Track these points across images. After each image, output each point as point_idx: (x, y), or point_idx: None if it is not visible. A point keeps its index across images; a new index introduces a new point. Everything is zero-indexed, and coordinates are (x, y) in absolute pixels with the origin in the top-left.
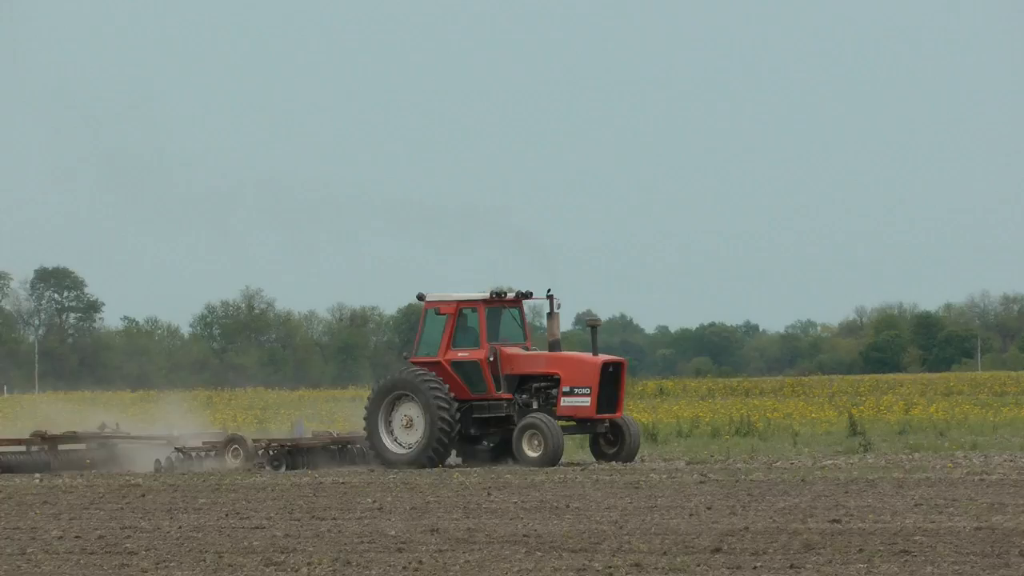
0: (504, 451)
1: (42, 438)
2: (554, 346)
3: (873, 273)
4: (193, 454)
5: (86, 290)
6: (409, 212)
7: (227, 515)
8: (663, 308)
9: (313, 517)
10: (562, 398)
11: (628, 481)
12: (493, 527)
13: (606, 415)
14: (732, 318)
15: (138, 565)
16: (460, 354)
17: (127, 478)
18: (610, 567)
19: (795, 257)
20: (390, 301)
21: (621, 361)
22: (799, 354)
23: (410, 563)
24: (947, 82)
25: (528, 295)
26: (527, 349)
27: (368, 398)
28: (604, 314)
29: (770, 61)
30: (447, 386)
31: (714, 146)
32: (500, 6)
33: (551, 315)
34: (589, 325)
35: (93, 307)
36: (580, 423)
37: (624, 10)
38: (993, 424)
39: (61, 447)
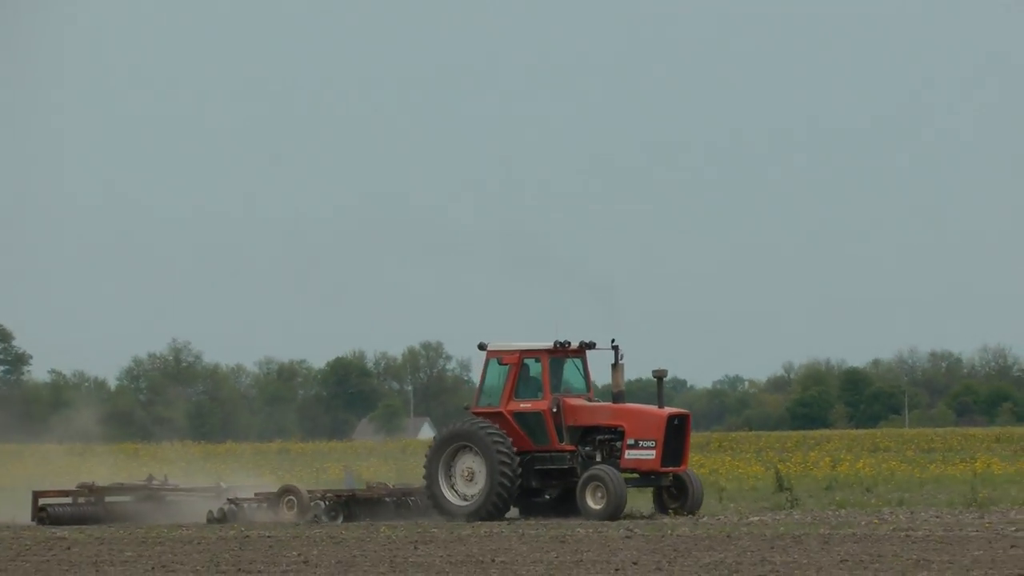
0: (564, 504)
1: (89, 490)
2: (618, 397)
3: (801, 328)
4: (246, 505)
5: (13, 343)
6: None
7: (153, 568)
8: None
9: (239, 571)
10: (627, 451)
11: (554, 535)
12: None
13: (671, 468)
14: None
15: None
16: (523, 405)
17: (58, 532)
18: None
19: (723, 312)
20: (319, 354)
21: (686, 414)
22: (727, 409)
23: None
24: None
25: (592, 345)
26: (590, 400)
27: (428, 448)
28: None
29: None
30: (509, 438)
31: (644, 205)
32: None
33: (615, 366)
34: (656, 376)
35: (20, 360)
36: (644, 476)
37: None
38: (920, 480)
39: (108, 499)
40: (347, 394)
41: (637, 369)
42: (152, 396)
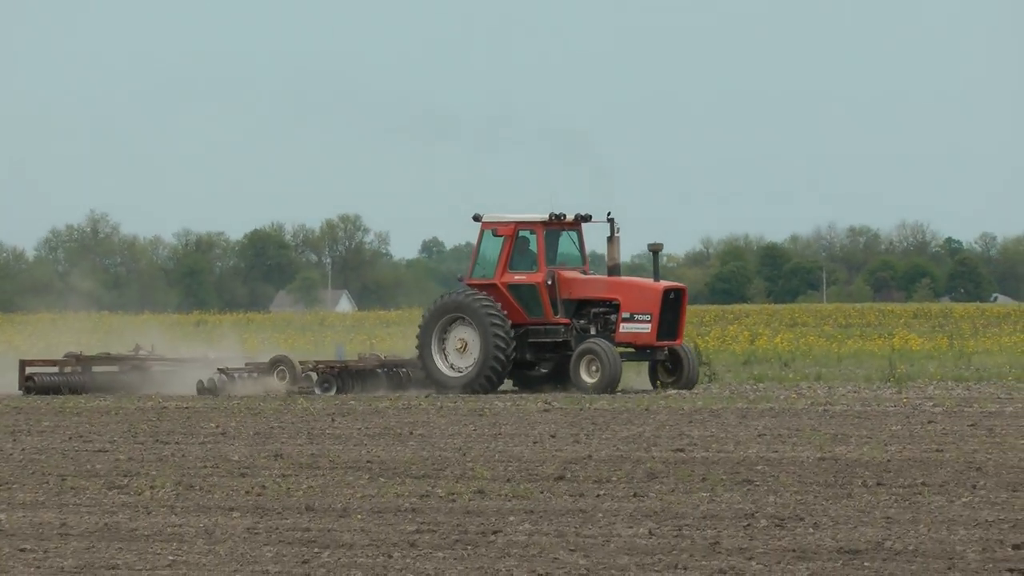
0: (558, 377)
1: (76, 359)
2: (614, 271)
3: (720, 204)
4: (236, 375)
5: None
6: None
7: (71, 438)
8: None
9: (157, 441)
10: (621, 324)
11: (472, 408)
12: (337, 453)
13: (666, 342)
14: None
15: None
16: (517, 277)
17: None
18: (453, 494)
19: (642, 187)
20: (237, 226)
21: (682, 288)
22: None
23: (253, 488)
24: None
25: (588, 218)
26: (585, 273)
27: (421, 320)
28: (449, 242)
29: None
30: (504, 310)
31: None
32: None
33: (611, 239)
34: (651, 250)
35: None
36: (639, 350)
37: None
38: (837, 355)
39: (95, 368)
40: (265, 266)
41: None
42: (70, 267)
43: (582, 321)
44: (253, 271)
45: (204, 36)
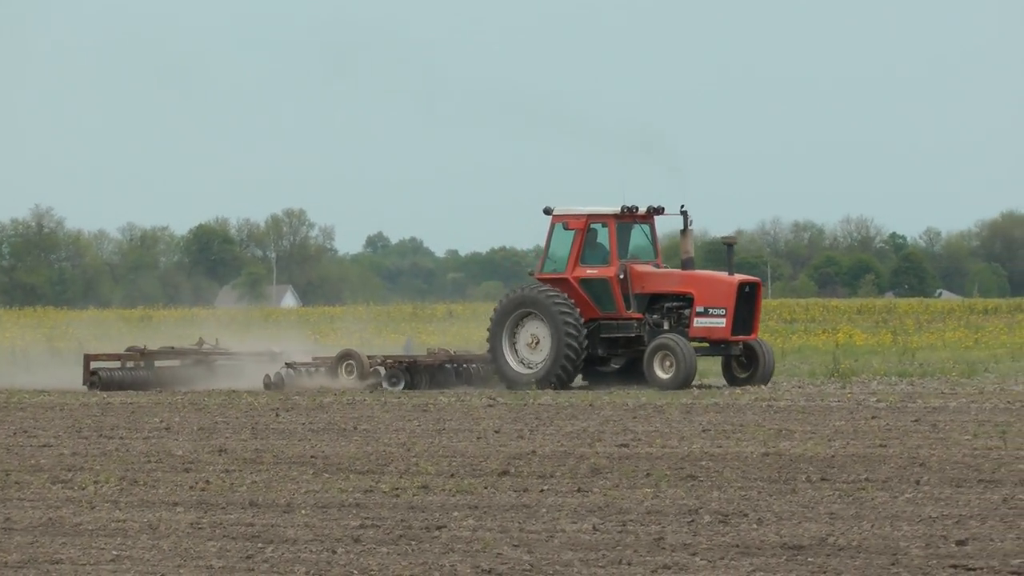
0: (631, 373)
1: (140, 354)
2: (687, 264)
3: (664, 198)
4: (303, 370)
5: None
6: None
7: (15, 433)
8: (453, 232)
9: (101, 436)
10: (695, 318)
11: (416, 404)
12: (281, 448)
13: (741, 337)
14: (522, 242)
15: None
16: (588, 271)
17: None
18: (397, 489)
19: (588, 180)
20: (182, 221)
21: (757, 281)
22: None
23: (197, 483)
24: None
25: (660, 210)
26: (658, 267)
27: (492, 315)
28: (394, 237)
29: None
30: (573, 303)
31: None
32: None
33: (684, 232)
34: (725, 243)
35: None
36: (713, 345)
37: None
38: (782, 351)
39: (158, 363)
40: (209, 261)
41: (507, 238)
42: (15, 262)
43: (655, 316)
44: (198, 266)
45: (148, 26)
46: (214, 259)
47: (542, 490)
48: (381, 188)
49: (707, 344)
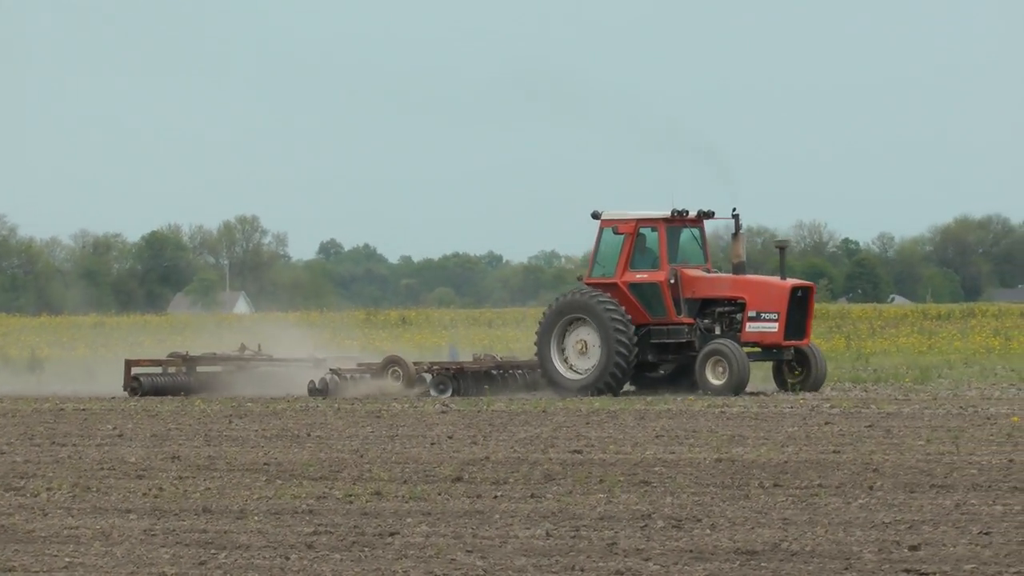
0: (680, 379)
1: (182, 359)
2: (739, 268)
3: (615, 204)
4: (349, 376)
5: None
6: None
7: None
8: (407, 238)
9: (53, 443)
10: (747, 323)
11: (370, 410)
12: (234, 455)
13: (793, 342)
14: (475, 248)
15: None
16: (638, 276)
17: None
18: (351, 495)
19: (538, 187)
20: (135, 228)
21: (810, 286)
22: (542, 285)
23: (150, 490)
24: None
25: (711, 214)
26: (708, 271)
27: (539, 321)
28: (348, 243)
29: None
30: (624, 308)
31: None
32: None
33: (736, 236)
34: (778, 247)
35: None
36: (765, 350)
37: None
38: None
39: (199, 369)
40: (162, 268)
41: (460, 244)
42: None
43: (706, 321)
44: (150, 273)
45: (99, 26)
46: (167, 266)
47: (495, 496)
48: (334, 195)
49: (759, 349)
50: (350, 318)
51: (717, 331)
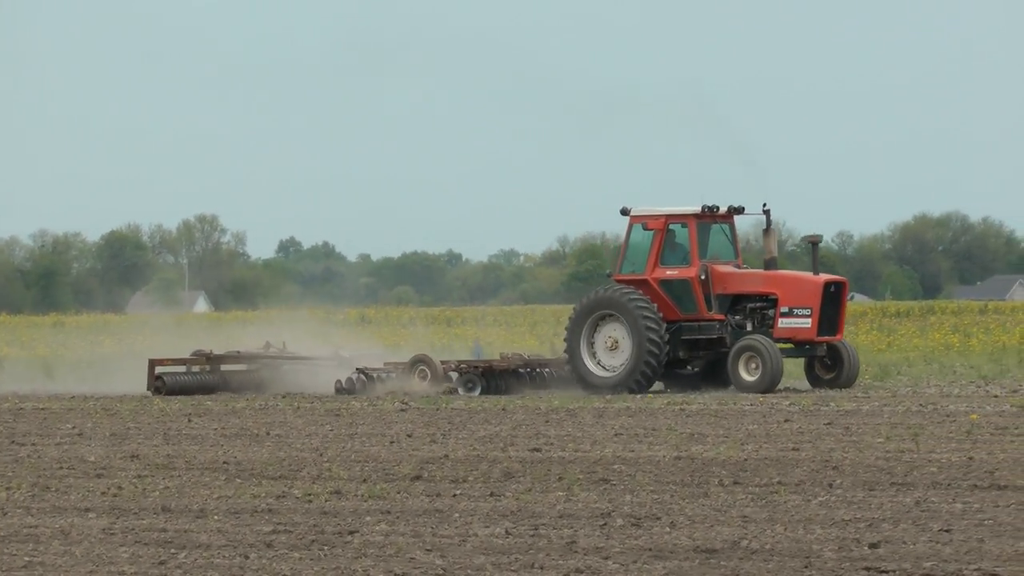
0: (711, 375)
1: (206, 358)
2: (770, 264)
3: (576, 202)
4: (376, 375)
5: None
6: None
7: None
8: (365, 236)
9: (12, 442)
10: (780, 319)
11: (329, 409)
12: (193, 454)
13: (826, 338)
14: (435, 247)
15: None
16: (669, 272)
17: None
18: (310, 494)
19: (499, 186)
20: (94, 227)
21: (843, 281)
22: (502, 284)
23: (109, 488)
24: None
25: (741, 210)
26: (739, 267)
27: (570, 317)
28: (306, 241)
29: None
30: (655, 306)
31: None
32: None
33: (767, 231)
34: (810, 242)
35: None
36: (798, 346)
37: None
38: None
39: (224, 367)
40: (122, 267)
41: (419, 243)
42: None
43: (737, 317)
44: (110, 272)
45: (59, 26)
46: (126, 265)
47: (455, 495)
48: (293, 193)
49: (791, 345)
50: (310, 316)
51: (748, 327)
